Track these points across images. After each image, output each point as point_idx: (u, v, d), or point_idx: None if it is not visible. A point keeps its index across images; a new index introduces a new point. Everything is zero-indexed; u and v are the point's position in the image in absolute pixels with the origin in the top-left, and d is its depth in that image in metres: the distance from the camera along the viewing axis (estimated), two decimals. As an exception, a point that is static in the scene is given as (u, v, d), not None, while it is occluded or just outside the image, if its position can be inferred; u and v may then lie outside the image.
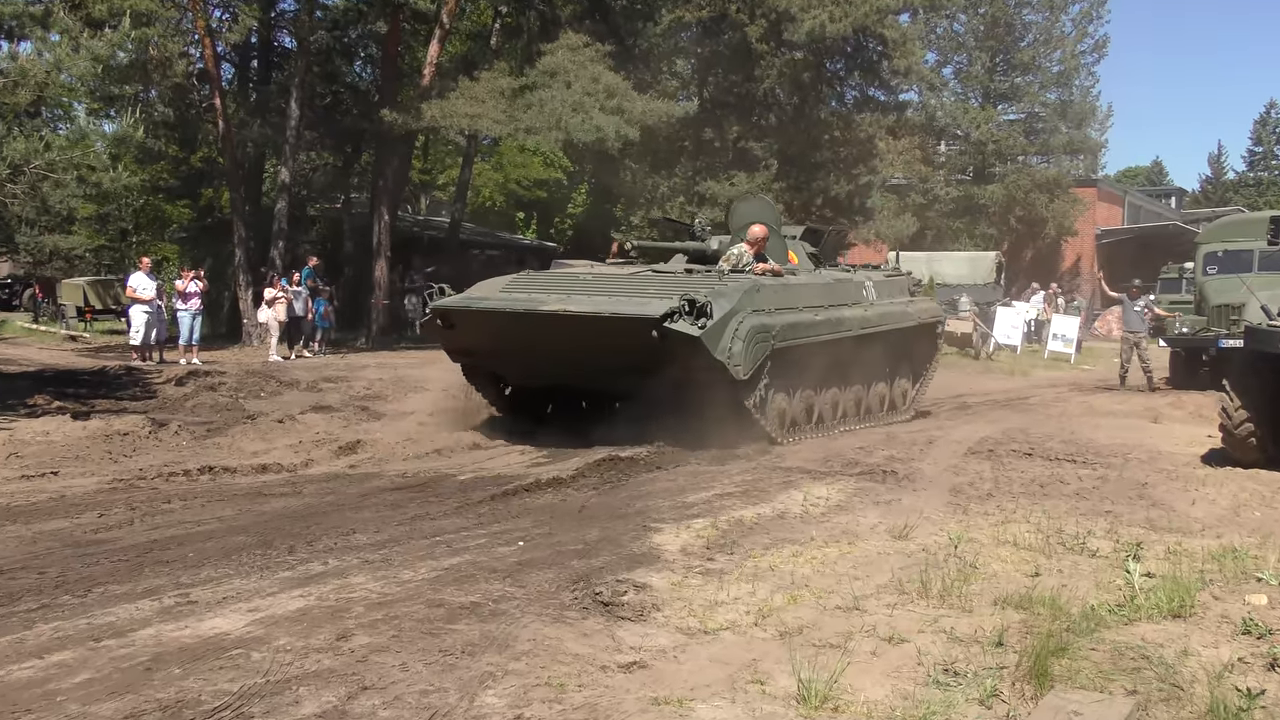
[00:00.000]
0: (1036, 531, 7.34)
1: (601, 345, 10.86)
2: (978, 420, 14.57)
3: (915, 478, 9.54)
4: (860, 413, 13.58)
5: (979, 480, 9.49)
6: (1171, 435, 12.91)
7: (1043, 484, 9.31)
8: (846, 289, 13.45)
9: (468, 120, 24.78)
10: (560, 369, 11.64)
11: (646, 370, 10.94)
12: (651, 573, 6.30)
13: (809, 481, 9.21)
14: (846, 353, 12.94)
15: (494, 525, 7.56)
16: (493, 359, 12.19)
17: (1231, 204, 67.20)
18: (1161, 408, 16.23)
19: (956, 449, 11.27)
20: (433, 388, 15.67)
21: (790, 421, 12.05)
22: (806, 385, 12.35)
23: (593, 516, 7.85)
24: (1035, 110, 47.59)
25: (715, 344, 10.68)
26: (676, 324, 10.53)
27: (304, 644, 5.04)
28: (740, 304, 11.09)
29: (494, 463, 10.45)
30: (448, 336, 12.00)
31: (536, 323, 11.04)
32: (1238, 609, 5.67)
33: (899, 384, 14.71)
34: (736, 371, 10.88)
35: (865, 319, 13.38)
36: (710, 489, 8.90)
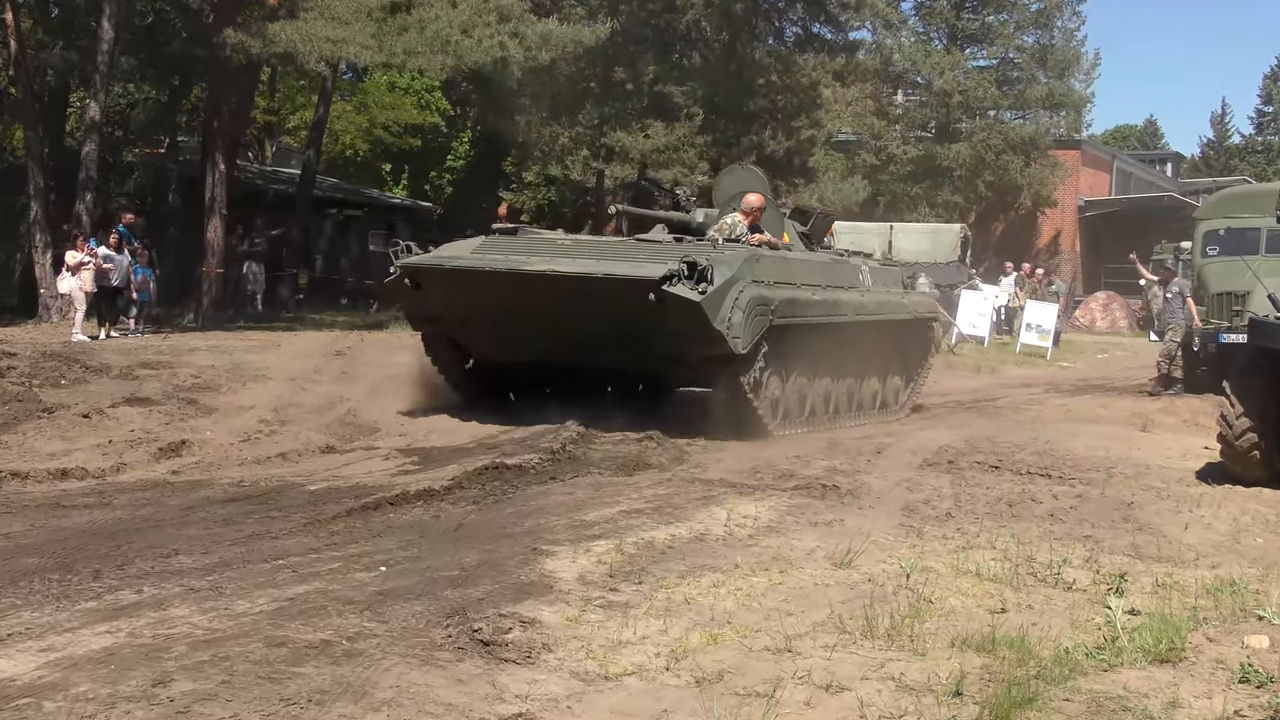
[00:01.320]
0: (1003, 559, 7.46)
1: (590, 311, 11.73)
2: (936, 425, 14.77)
3: (861, 494, 9.64)
4: (853, 407, 14.60)
5: (936, 498, 9.62)
6: (1162, 446, 13.19)
7: (1011, 503, 9.46)
8: (844, 271, 14.55)
9: (328, 46, 24.40)
10: (538, 340, 12.53)
11: (636, 341, 11.89)
12: (542, 605, 6.29)
13: (734, 497, 9.26)
14: (842, 340, 13.78)
15: (350, 546, 7.49)
16: (462, 327, 13.05)
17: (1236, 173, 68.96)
18: (1151, 414, 16.58)
19: (910, 460, 11.41)
20: (277, 376, 15.47)
21: (784, 411, 13.00)
22: (800, 371, 13.29)
23: (471, 536, 7.81)
24: (1009, 56, 48.42)
25: (715, 312, 11.61)
26: (675, 287, 11.45)
27: (110, 691, 4.94)
28: (740, 272, 12.03)
29: (352, 469, 10.36)
30: (414, 300, 12.90)
31: (520, 284, 11.95)
32: (1235, 653, 5.81)
33: (892, 381, 15.74)
34: (735, 344, 11.79)
35: (862, 305, 14.41)
36: (615, 504, 8.92)
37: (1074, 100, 48.33)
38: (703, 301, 11.48)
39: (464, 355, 13.66)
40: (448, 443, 11.85)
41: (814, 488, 9.78)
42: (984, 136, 45.47)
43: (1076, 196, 49.00)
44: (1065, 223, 49.19)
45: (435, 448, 11.52)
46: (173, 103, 32.35)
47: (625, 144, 31.44)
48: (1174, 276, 21.27)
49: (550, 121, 33.50)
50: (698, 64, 33.15)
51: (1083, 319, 41.54)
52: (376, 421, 12.90)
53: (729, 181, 15.43)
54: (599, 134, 32.89)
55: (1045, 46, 47.51)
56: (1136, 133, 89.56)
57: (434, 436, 12.23)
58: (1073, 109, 49.08)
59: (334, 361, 17.65)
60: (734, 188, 15.08)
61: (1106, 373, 26.06)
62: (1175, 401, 18.20)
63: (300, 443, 11.44)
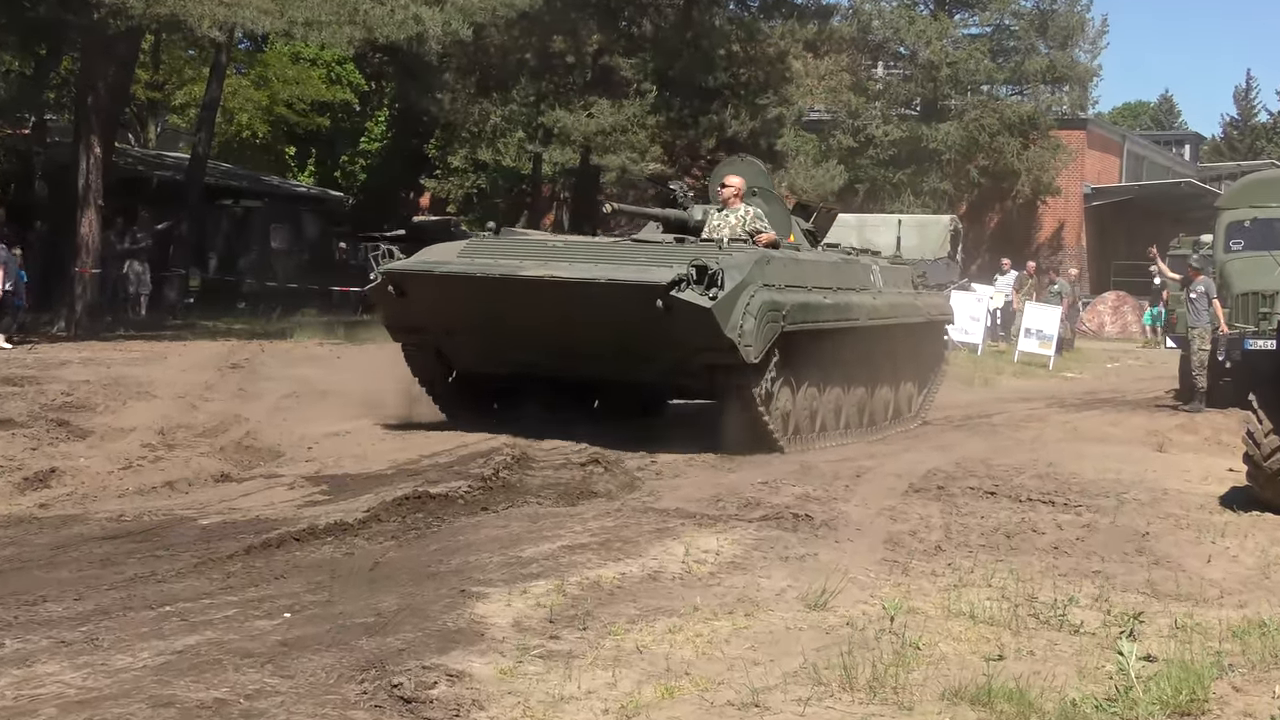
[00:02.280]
0: (1000, 599, 7.50)
1: (590, 319, 12.49)
2: (922, 445, 14.84)
3: (838, 524, 9.67)
4: (864, 420, 15.44)
5: (924, 528, 9.66)
6: (1181, 468, 13.31)
7: (1009, 534, 9.51)
8: (854, 272, 15.30)
9: (221, 10, 24.24)
10: (531, 350, 13.27)
11: (637, 351, 12.66)
12: (472, 656, 6.27)
13: (692, 529, 9.27)
14: (853, 346, 14.58)
15: (249, 590, 7.44)
16: (449, 337, 13.75)
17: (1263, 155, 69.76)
18: (1168, 432, 16.73)
19: (894, 485, 11.46)
20: (163, 393, 15.37)
21: (794, 426, 13.70)
22: (810, 382, 14.04)
23: (390, 577, 7.78)
24: (1004, 23, 48.72)
25: (726, 318, 12.25)
26: (684, 293, 12.10)
27: (-32, 762, 4.89)
28: (751, 275, 12.66)
29: (250, 500, 10.31)
30: (397, 308, 13.64)
31: (515, 291, 12.72)
32: (1265, 704, 5.86)
33: (904, 389, 16.78)
34: (747, 352, 12.43)
35: (875, 308, 15.17)
36: (556, 538, 8.90)
37: (1078, 73, 48.44)
38: (714, 308, 12.10)
39: (448, 367, 14.34)
40: (363, 469, 11.80)
41: (784, 518, 9.80)
42: (976, 115, 45.61)
43: (1081, 183, 49.31)
44: (1069, 213, 49.51)
45: (348, 475, 11.47)
46: (39, 75, 32.04)
47: (566, 124, 31.39)
48: (1199, 275, 21.41)
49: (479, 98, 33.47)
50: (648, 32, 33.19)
51: (1089, 323, 41.82)
52: (279, 445, 12.83)
53: (727, 174, 15.99)
54: (535, 113, 32.86)
55: (1045, 12, 47.64)
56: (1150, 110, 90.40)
57: (347, 462, 12.17)
58: (1077, 83, 49.16)
59: (230, 376, 17.55)
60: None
61: (1117, 385, 26.26)
62: (1195, 418, 18.35)
63: (190, 470, 11.36)
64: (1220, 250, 20.85)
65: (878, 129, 45.83)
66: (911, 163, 45.80)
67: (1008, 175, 46.22)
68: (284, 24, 24.49)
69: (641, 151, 31.88)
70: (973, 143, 45.51)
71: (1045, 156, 46.09)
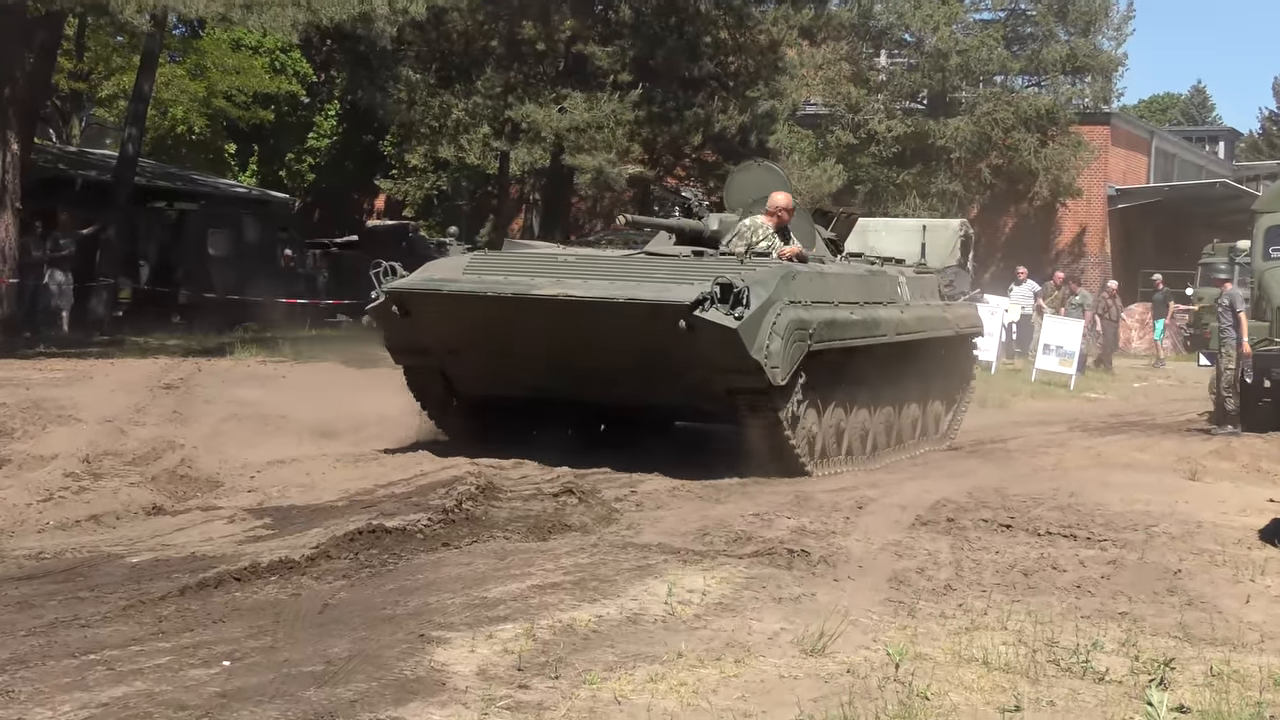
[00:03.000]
0: (1017, 643, 7.49)
1: (609, 340, 13.12)
2: (931, 473, 14.85)
3: (837, 561, 9.67)
4: (891, 440, 16.10)
5: (932, 565, 9.66)
6: (1216, 499, 13.32)
7: (1027, 571, 9.52)
8: (881, 284, 15.91)
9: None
10: (543, 373, 13.88)
11: (655, 373, 13.26)
12: (432, 708, 6.26)
13: (676, 566, 9.26)
14: (880, 364, 15.30)
15: (184, 635, 7.41)
16: (455, 359, 14.36)
17: (1305, 154, 69.97)
18: (1202, 458, 16.75)
19: (899, 517, 11.47)
20: (88, 417, 15.31)
21: (821, 449, 14.25)
22: (836, 402, 14.63)
23: (341, 620, 7.76)
24: (1020, 7, 48.78)
25: (752, 339, 12.80)
26: (708, 312, 12.66)
27: None
28: (777, 292, 13.22)
29: (186, 536, 10.26)
30: (401, 329, 14.22)
31: (528, 310, 13.34)
32: (1309, 758, 5.87)
33: (932, 407, 17.48)
34: (774, 374, 12.97)
35: (902, 323, 15.76)
36: (525, 577, 8.89)
37: (1102, 63, 48.42)
38: (739, 328, 12.63)
39: (452, 390, 14.92)
40: (311, 500, 11.77)
41: (778, 554, 9.80)
42: (989, 109, 45.67)
43: (1105, 184, 49.42)
44: (1092, 217, 49.61)
45: (294, 506, 11.43)
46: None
47: (536, 119, 31.38)
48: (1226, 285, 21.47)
49: (439, 90, 33.40)
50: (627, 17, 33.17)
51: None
52: (218, 473, 12.80)
53: (744, 180, 16.78)
54: (502, 106, 32.81)
55: (1066, -5, 47.73)
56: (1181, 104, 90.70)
57: (293, 492, 12.14)
58: (1100, 74, 49.13)
59: (163, 397, 17.51)
60: (750, 188, 16.41)
61: (1145, 406, 26.33)
62: (1232, 443, 18.40)
63: (119, 502, 11.30)
64: (1259, 258, 20.93)
65: (880, 124, 45.89)
66: (917, 161, 45.86)
67: (1024, 175, 46.29)
68: (220, 7, 24.45)
69: (621, 152, 31.90)
70: (985, 139, 45.56)
71: (1065, 154, 46.14)
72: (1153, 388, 30.96)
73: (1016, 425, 21.52)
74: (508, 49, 33.41)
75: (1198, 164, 59.74)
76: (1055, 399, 27.08)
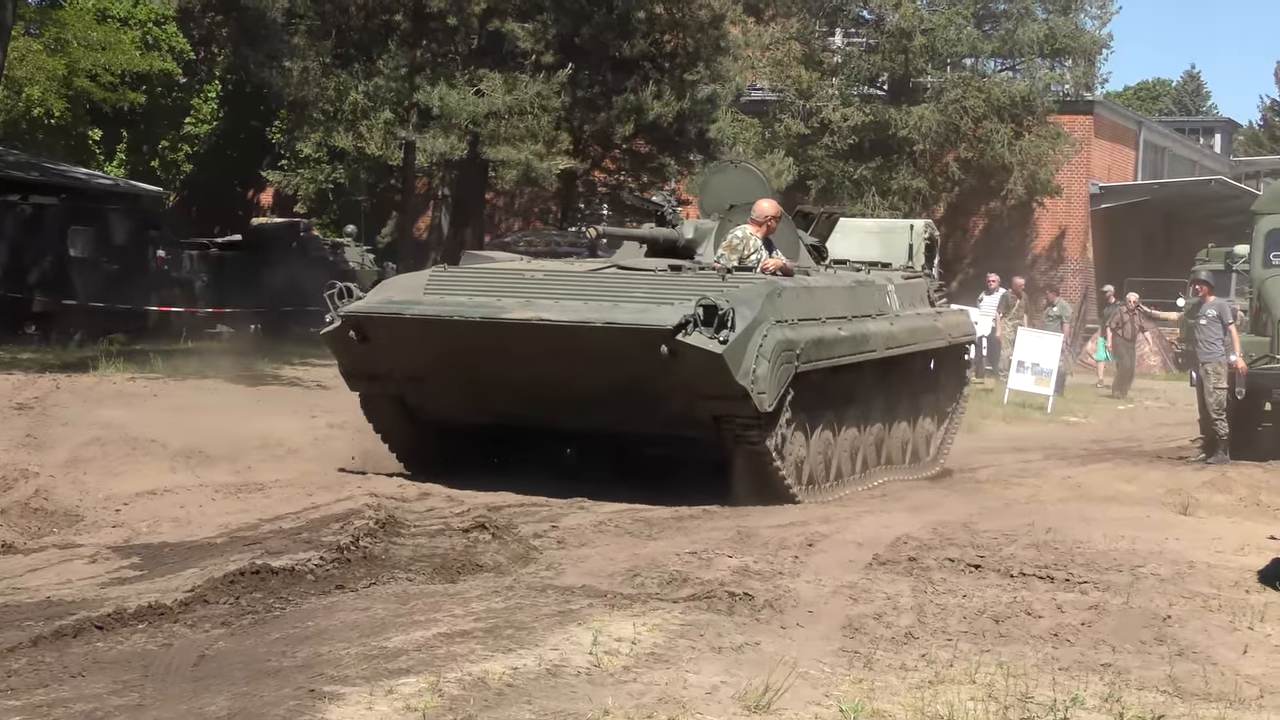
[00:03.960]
0: (987, 699, 7.52)
1: (585, 365, 13.78)
2: (891, 506, 14.91)
3: (784, 605, 9.68)
4: (880, 461, 16.90)
5: (891, 611, 9.68)
6: (1211, 536, 13.40)
7: (998, 617, 9.55)
8: (869, 295, 16.61)
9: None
10: (512, 400, 14.54)
11: (636, 400, 13.83)
12: (324, 774, 6.23)
13: (602, 612, 9.25)
14: (868, 381, 16.18)
15: (36, 692, 7.36)
16: (417, 385, 14.93)
17: (1310, 149, 70.68)
18: (1194, 490, 16.85)
19: (855, 556, 11.48)
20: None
21: (809, 475, 14.94)
22: (824, 424, 15.36)
23: (220, 674, 7.72)
24: (993, -19, 48.83)
25: (738, 364, 13.38)
26: (691, 337, 13.22)
27: None
28: (763, 312, 13.79)
29: (41, 577, 10.20)
30: (359, 355, 14.80)
31: (497, 335, 13.94)
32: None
33: (923, 425, 18.30)
34: (761, 400, 13.56)
35: (893, 336, 16.54)
36: (430, 624, 8.86)
37: (1084, 45, 48.53)
38: (724, 353, 13.21)
39: (411, 417, 15.41)
40: (186, 536, 11.72)
41: (718, 597, 9.80)
42: (957, 96, 45.69)
43: (1088, 181, 49.69)
44: (1072, 218, 49.87)
45: (167, 544, 11.38)
46: None
47: (448, 104, 31.28)
48: (1210, 293, 21.47)
49: (336, 69, 33.30)
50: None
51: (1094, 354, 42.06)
52: (78, 506, 12.73)
53: (720, 184, 17.27)
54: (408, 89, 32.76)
55: (1044, -32, 47.95)
56: (1172, 91, 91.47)
57: (165, 527, 12.09)
58: (1082, 57, 49.20)
59: (14, 419, 17.38)
60: (727, 192, 16.90)
61: (1131, 432, 26.50)
62: (1227, 473, 18.50)
63: (-37, 538, 11.23)
64: (1258, 265, 21.05)
65: (835, 112, 45.85)
66: (877, 154, 45.86)
67: (996, 171, 46.34)
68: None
69: (548, 142, 31.79)
70: (952, 130, 45.59)
71: (1042, 148, 46.19)
72: (1140, 411, 31.16)
73: (987, 452, 21.64)
74: (414, 24, 33.35)
75: (1191, 159, 60.23)
76: (1030, 423, 27.23)
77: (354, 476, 14.61)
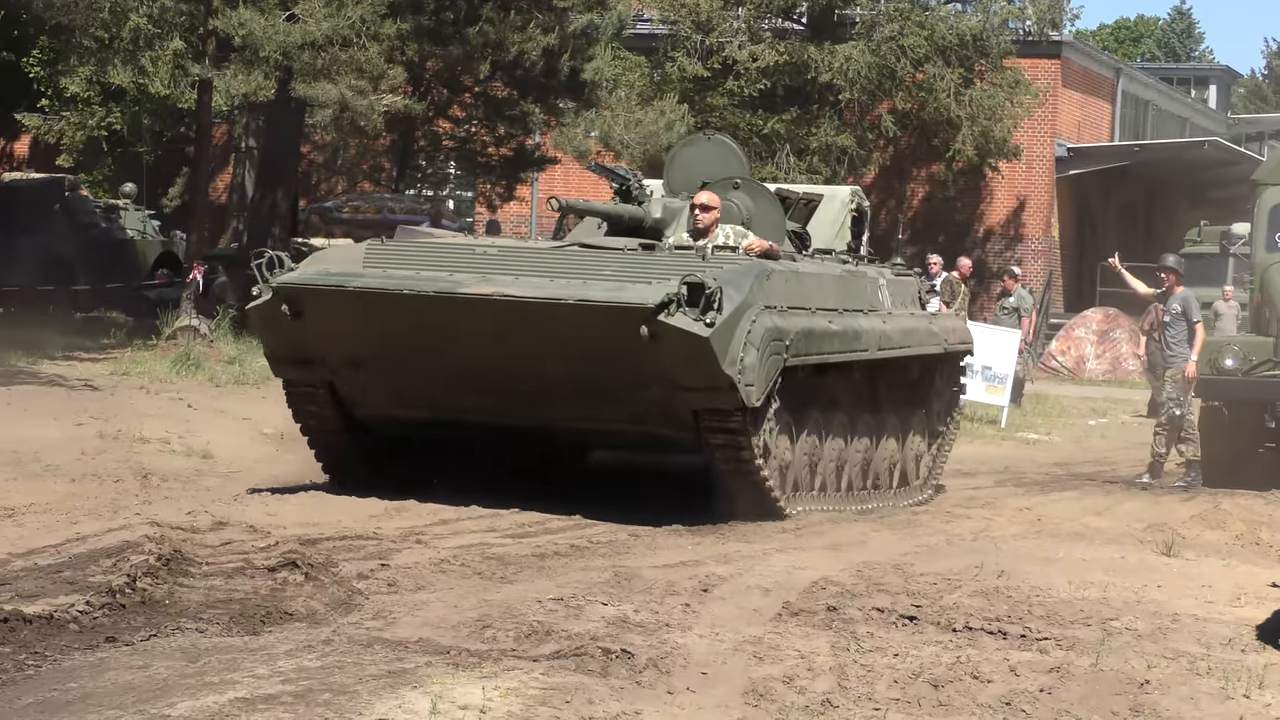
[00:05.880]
0: (924, 782, 7.58)
1: (548, 351, 14.72)
2: (807, 542, 14.98)
3: (672, 666, 9.69)
4: (867, 482, 17.81)
5: (805, 673, 9.72)
6: (1199, 581, 13.54)
7: (937, 682, 9.60)
8: (860, 288, 17.73)
9: None
10: (463, 390, 15.32)
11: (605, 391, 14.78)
12: None
13: (444, 672, 9.23)
14: (857, 385, 17.38)
15: None
16: (353, 372, 15.66)
17: (1324, 104, 71.59)
18: (1181, 524, 17.01)
19: (760, 605, 11.53)
20: None
21: (794, 482, 15.95)
22: (811, 428, 16.36)
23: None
24: (936, -107, 49.05)
25: (724, 351, 14.22)
26: (674, 317, 13.98)
27: None
28: (752, 295, 14.66)
29: None
30: (289, 334, 15.46)
31: (454, 313, 14.75)
32: None
33: (913, 443, 19.24)
34: (749, 393, 14.43)
35: (885, 335, 17.48)
36: (227, 687, 8.82)
37: (1049, -25, 49.10)
38: (711, 336, 14.00)
39: (345, 413, 16.14)
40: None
41: (589, 655, 9.80)
42: (893, 32, 45.80)
43: (1054, 141, 50.01)
44: (1034, 186, 50.18)
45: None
46: None
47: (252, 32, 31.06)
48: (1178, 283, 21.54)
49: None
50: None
51: (1063, 356, 42.44)
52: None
53: (690, 157, 18.26)
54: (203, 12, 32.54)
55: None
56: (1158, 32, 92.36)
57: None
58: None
59: None
60: (698, 166, 17.84)
61: (1103, 452, 26.78)
62: (1223, 504, 18.65)
63: None
64: (1260, 247, 21.27)
65: (741, 50, 45.86)
66: (793, 103, 46.01)
67: (940, 126, 46.49)
68: None
69: (375, 78, 31.63)
70: (887, 75, 45.67)
71: (998, 98, 46.31)
72: (1115, 426, 31.44)
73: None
74: (212, -68, 33.16)
75: (1180, 115, 60.87)
76: (981, 439, 27.41)
77: (130, 500, 14.54)
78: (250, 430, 20.61)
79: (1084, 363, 43.28)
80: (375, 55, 31.46)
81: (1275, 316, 20.32)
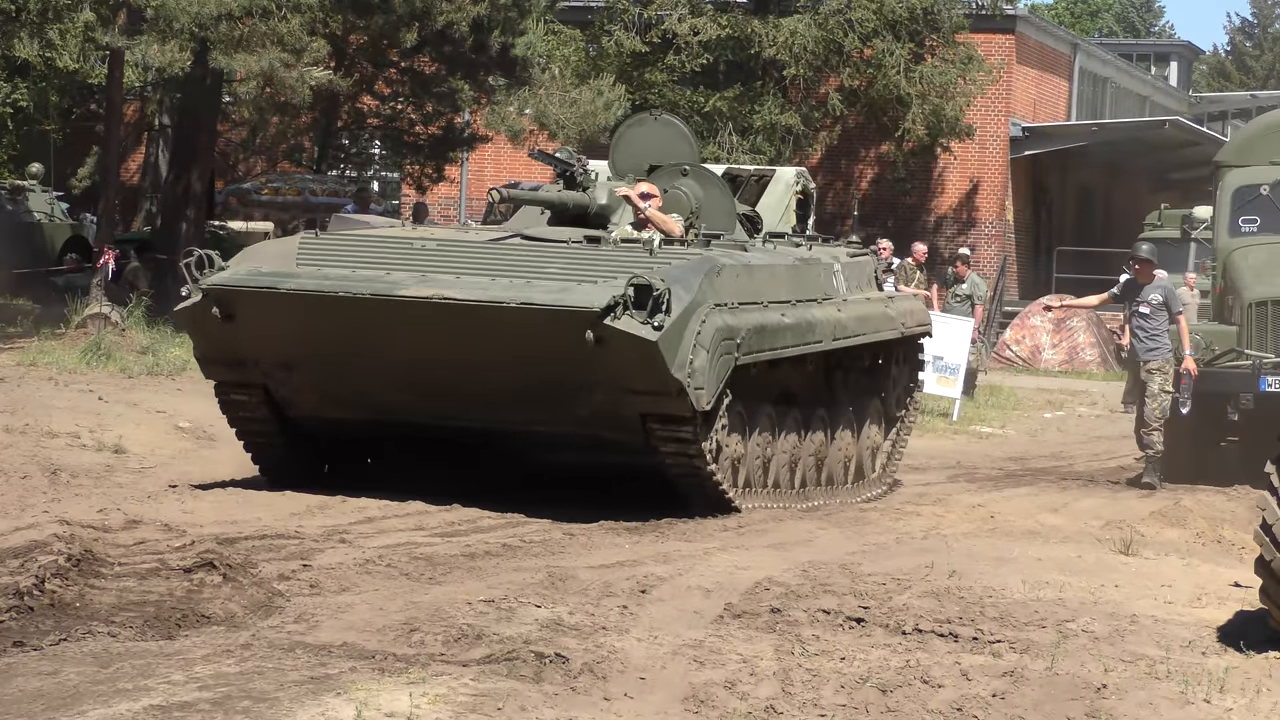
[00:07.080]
0: (871, 791, 7.60)
1: (490, 353, 15.02)
2: (750, 541, 14.99)
3: (609, 671, 9.70)
4: (821, 478, 18.22)
5: (748, 677, 9.74)
6: (1158, 581, 13.60)
7: (886, 686, 9.63)
8: (814, 277, 17.94)
9: None
10: (400, 392, 15.70)
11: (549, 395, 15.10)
12: None
13: (369, 678, 9.23)
14: (810, 377, 17.85)
15: None
16: (287, 374, 15.95)
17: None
18: (1140, 522, 17.04)
19: (701, 606, 11.55)
20: None
21: (745, 478, 16.30)
22: (763, 425, 16.72)
23: None
24: None
25: (673, 355, 14.56)
26: (621, 321, 14.30)
27: None
28: (701, 294, 14.99)
29: None
30: (220, 336, 15.77)
31: (391, 315, 15.02)
32: None
33: (868, 434, 19.70)
34: (698, 396, 14.77)
35: (840, 324, 17.79)
36: (141, 694, 8.80)
37: (1001, -56, 49.16)
38: (659, 341, 14.35)
39: (279, 414, 16.45)
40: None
41: (521, 659, 9.81)
42: (839, 6, 45.82)
43: (1008, 120, 50.08)
44: (988, 168, 50.19)
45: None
46: None
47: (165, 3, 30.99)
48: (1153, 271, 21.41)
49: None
50: None
51: (1017, 346, 42.49)
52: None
53: (636, 138, 18.52)
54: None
55: None
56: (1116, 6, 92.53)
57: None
58: (1000, -40, 49.91)
59: None
60: (645, 147, 18.26)
61: (1060, 446, 26.83)
62: (1181, 501, 18.67)
63: None
64: (1223, 231, 21.31)
65: (681, 24, 45.69)
66: (735, 80, 45.94)
67: (889, 104, 46.44)
68: None
69: (296, 51, 31.49)
70: (834, 50, 45.61)
71: (950, 75, 46.28)
72: (1072, 419, 31.50)
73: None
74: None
75: (1140, 93, 61.01)
76: (932, 434, 27.42)
77: (38, 497, 14.50)
78: (165, 423, 20.54)
79: (1040, 351, 43.25)
80: (297, 27, 31.34)
81: (1239, 304, 20.31)
